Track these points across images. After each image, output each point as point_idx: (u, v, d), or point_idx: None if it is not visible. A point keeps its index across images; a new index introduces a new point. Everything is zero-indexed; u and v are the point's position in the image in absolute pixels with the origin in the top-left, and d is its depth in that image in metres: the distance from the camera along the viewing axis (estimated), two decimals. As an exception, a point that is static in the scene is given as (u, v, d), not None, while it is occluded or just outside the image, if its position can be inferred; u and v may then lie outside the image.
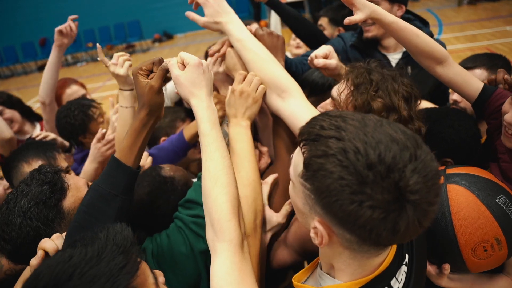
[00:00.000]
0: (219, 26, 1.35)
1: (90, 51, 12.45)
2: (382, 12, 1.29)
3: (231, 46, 1.41)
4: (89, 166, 1.87)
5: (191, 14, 1.37)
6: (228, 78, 1.54)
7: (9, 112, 2.53)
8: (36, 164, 1.60)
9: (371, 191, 0.62)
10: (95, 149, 1.86)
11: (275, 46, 1.43)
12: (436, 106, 1.62)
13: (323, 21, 2.74)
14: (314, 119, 0.73)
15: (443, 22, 8.65)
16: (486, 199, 1.07)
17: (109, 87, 8.51)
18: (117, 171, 1.05)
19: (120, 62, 1.59)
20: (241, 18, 1.41)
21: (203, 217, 1.21)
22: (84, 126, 2.07)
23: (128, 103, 1.61)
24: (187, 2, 1.39)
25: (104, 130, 1.88)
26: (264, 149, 1.56)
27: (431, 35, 1.80)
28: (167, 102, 2.21)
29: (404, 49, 1.83)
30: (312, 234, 0.73)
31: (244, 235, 0.95)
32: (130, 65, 1.61)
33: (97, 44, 1.68)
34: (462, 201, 1.09)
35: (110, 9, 12.35)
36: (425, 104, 1.64)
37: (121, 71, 1.59)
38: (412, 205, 0.63)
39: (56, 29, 2.15)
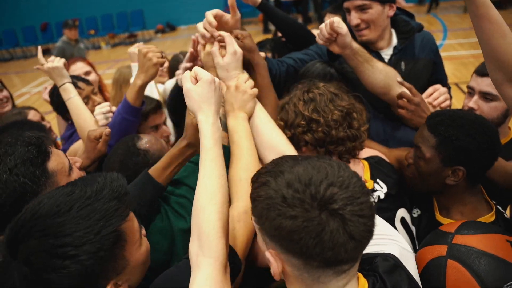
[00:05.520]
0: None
1: (92, 38, 12.38)
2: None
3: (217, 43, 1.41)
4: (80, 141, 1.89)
5: (214, 50, 1.39)
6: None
7: (6, 92, 2.52)
8: None
9: (291, 204, 0.71)
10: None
11: (254, 49, 1.51)
12: None
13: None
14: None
15: (448, 27, 8.63)
16: None
17: (109, 75, 8.45)
18: (147, 184, 1.19)
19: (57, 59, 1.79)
20: (245, 12, 1.40)
21: (187, 198, 1.25)
22: None
23: (71, 93, 1.77)
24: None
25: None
26: None
27: (421, 28, 1.82)
28: (160, 99, 2.20)
29: (395, 44, 1.80)
30: (271, 269, 0.79)
31: (227, 258, 0.93)
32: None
33: (39, 47, 1.90)
34: (460, 287, 0.96)
35: (114, -3, 12.27)
36: None
37: (58, 63, 1.77)
38: (333, 214, 0.70)
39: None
